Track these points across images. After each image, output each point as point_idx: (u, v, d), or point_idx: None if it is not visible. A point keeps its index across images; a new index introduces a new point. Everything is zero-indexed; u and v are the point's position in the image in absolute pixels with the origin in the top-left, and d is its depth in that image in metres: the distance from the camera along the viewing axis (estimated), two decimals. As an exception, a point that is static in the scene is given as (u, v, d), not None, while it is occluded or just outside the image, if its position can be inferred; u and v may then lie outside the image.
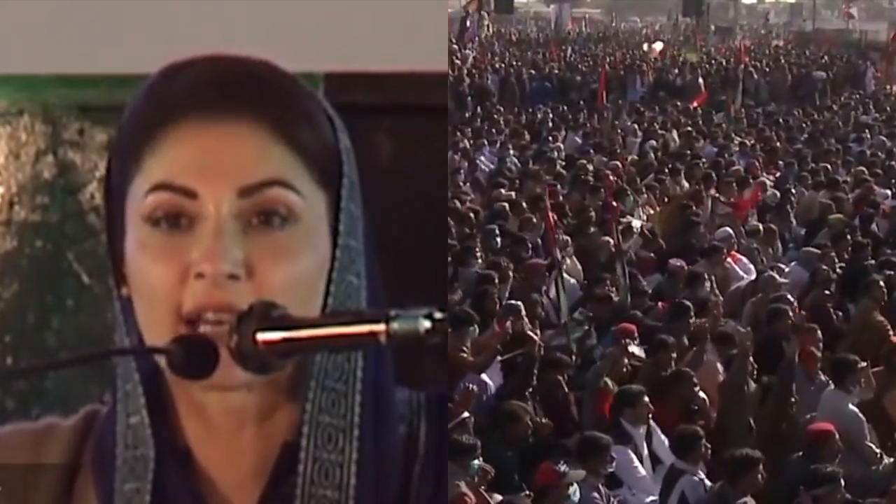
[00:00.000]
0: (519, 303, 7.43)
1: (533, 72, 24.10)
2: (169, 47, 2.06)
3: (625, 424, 5.71)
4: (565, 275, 9.28)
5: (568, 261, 9.58)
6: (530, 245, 9.37)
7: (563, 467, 4.64)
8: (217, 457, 1.90)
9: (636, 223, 11.05)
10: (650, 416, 5.76)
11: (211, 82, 1.85)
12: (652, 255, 9.66)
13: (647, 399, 5.75)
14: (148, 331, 1.87)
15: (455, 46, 26.70)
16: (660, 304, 7.98)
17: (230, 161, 1.83)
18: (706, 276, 8.36)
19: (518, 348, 6.76)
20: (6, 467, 1.98)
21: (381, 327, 1.69)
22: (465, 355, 6.83)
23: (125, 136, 1.91)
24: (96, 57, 3.21)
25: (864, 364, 6.21)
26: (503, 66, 25.07)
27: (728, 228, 9.83)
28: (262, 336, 1.74)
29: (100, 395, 2.07)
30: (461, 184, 13.20)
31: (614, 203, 10.34)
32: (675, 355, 6.57)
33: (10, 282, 3.33)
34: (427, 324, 1.69)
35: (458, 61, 24.56)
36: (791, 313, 7.19)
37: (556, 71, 24.35)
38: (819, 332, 6.94)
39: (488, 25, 34.08)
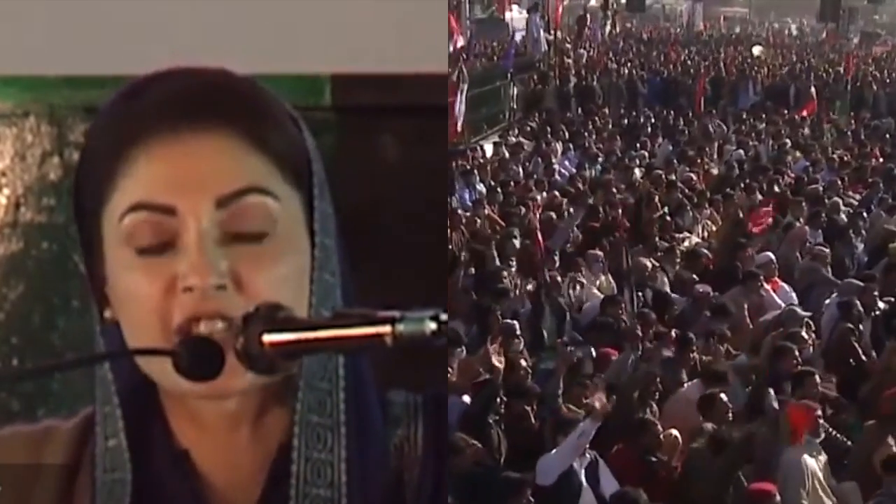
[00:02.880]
0: (514, 322, 7.14)
1: (644, 73, 23.43)
2: (175, 49, 2.06)
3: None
4: (595, 291, 8.97)
5: (602, 277, 9.23)
6: (557, 258, 9.00)
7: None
8: (214, 459, 1.90)
9: (693, 240, 10.61)
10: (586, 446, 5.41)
11: (176, 97, 1.83)
12: (693, 276, 9.17)
13: None
14: (138, 346, 1.85)
15: (568, 46, 26.23)
16: (673, 332, 7.55)
17: (205, 173, 1.81)
18: (732, 308, 7.89)
19: (507, 372, 6.54)
20: (6, 468, 1.99)
21: (386, 329, 1.67)
22: (448, 376, 6.60)
23: (94, 158, 1.88)
24: (102, 58, 3.16)
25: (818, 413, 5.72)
26: (616, 66, 24.46)
27: (769, 254, 9.25)
28: (268, 338, 1.74)
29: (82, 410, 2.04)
30: (532, 188, 12.89)
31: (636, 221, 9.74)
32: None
33: (16, 283, 3.32)
34: (433, 325, 1.66)
35: (569, 60, 24.07)
36: (797, 353, 6.71)
37: (667, 73, 23.60)
38: (816, 377, 6.41)
39: (614, 23, 33.28)
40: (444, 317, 1.67)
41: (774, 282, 8.89)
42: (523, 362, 6.60)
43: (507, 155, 15.10)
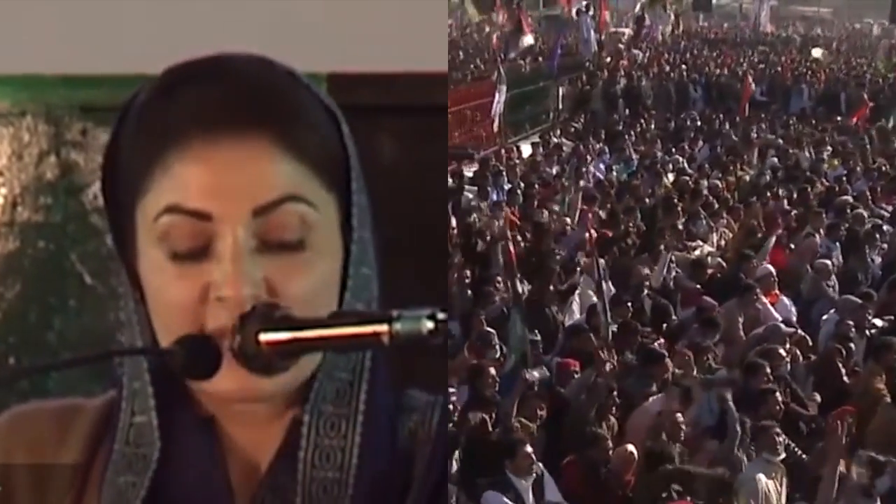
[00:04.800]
0: (492, 331, 7.14)
1: (696, 76, 23.13)
2: (171, 48, 2.06)
3: (508, 475, 5.35)
4: (594, 298, 8.91)
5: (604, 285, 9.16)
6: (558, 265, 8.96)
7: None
8: (234, 429, 1.92)
9: (706, 249, 10.49)
10: (532, 465, 5.36)
11: (213, 100, 1.82)
12: (697, 286, 9.08)
13: (528, 449, 5.38)
14: (168, 342, 1.85)
15: (621, 46, 26.01)
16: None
17: (242, 181, 1.80)
18: (721, 321, 7.80)
19: (475, 379, 6.58)
20: (32, 442, 2.00)
21: (383, 328, 1.67)
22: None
23: (127, 155, 1.88)
24: (99, 57, 3.21)
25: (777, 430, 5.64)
26: (669, 68, 24.17)
27: (769, 266, 9.09)
28: (264, 337, 1.73)
29: (102, 395, 2.05)
30: (559, 190, 12.83)
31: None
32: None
33: (12, 282, 3.36)
34: (430, 324, 1.65)
35: (624, 62, 23.87)
36: (769, 370, 6.62)
37: (716, 76, 23.26)
38: (777, 395, 6.32)
39: (677, 23, 32.77)
40: (442, 316, 1.66)
41: (773, 295, 8.75)
42: (492, 370, 6.58)
43: (541, 156, 15.04)
